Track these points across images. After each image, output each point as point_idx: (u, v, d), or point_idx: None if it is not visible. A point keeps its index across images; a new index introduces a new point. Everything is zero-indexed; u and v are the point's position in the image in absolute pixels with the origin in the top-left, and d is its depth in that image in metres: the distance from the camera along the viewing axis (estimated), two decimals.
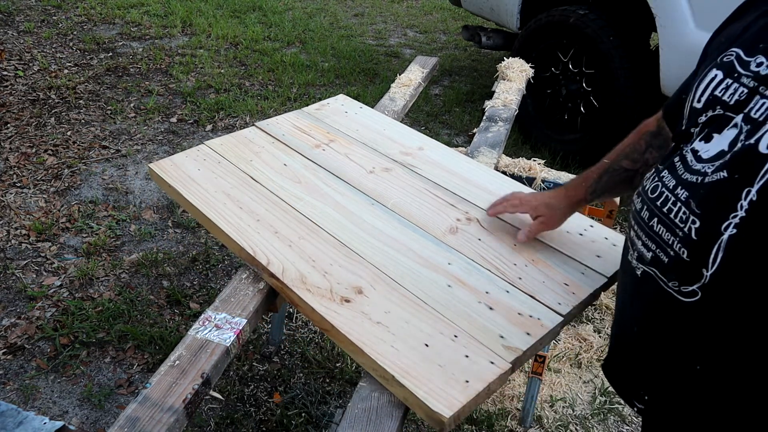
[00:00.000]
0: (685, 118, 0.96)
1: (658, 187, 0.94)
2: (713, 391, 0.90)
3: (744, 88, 0.86)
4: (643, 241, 0.95)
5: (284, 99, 4.05)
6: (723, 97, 0.89)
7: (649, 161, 1.20)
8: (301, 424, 1.99)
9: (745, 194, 0.80)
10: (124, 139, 3.49)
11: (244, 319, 1.22)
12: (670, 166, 0.93)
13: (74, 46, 4.61)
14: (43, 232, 2.72)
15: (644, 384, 1.00)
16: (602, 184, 1.27)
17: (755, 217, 0.79)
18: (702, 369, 0.89)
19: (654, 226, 0.93)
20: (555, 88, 3.53)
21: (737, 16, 1.00)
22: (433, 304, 1.21)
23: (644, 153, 1.20)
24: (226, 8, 5.60)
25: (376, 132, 1.83)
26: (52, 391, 2.04)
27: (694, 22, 2.73)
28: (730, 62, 0.91)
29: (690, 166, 0.89)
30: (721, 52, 0.94)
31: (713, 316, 0.85)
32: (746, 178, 0.80)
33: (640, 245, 0.96)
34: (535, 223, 1.37)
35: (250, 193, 1.52)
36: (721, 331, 0.85)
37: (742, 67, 0.88)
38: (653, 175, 0.97)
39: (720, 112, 0.89)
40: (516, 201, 1.40)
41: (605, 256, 1.37)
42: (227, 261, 2.67)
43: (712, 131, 0.89)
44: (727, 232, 0.81)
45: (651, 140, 1.20)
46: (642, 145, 1.21)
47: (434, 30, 5.57)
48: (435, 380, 1.06)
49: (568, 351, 2.32)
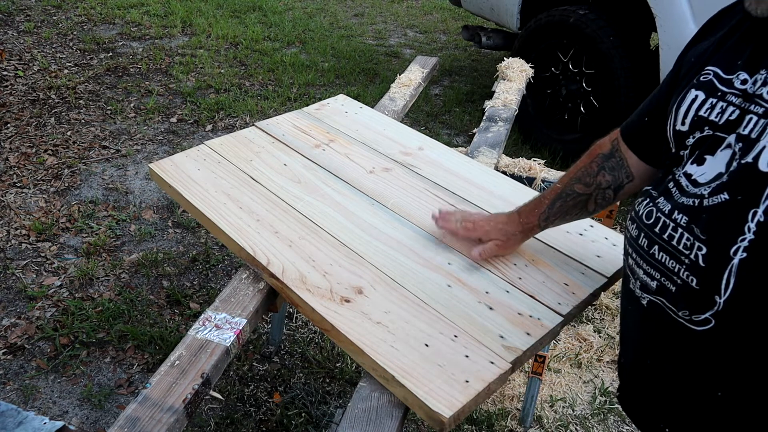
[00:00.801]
0: (672, 142, 0.94)
1: (653, 213, 0.91)
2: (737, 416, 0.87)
3: (733, 107, 0.84)
4: (645, 270, 0.92)
5: (284, 99, 4.05)
6: (710, 117, 0.87)
7: (602, 184, 1.16)
8: (301, 424, 1.99)
9: (751, 216, 0.77)
10: (124, 139, 3.49)
11: (244, 319, 1.22)
12: (665, 191, 0.91)
13: (74, 46, 4.61)
14: (43, 232, 2.72)
15: (663, 416, 0.97)
16: (555, 210, 1.24)
17: (765, 239, 0.76)
18: (723, 396, 0.86)
19: (655, 254, 0.90)
20: (555, 88, 3.53)
21: (703, 36, 0.99)
22: (433, 304, 1.21)
23: (596, 176, 1.17)
24: (226, 8, 5.60)
25: (376, 132, 1.83)
26: (52, 391, 2.04)
27: (694, 22, 2.73)
28: (709, 81, 0.89)
29: (686, 190, 0.87)
30: (696, 73, 0.93)
31: (730, 342, 0.83)
32: (750, 199, 0.78)
33: (642, 274, 0.93)
34: (490, 245, 1.32)
35: (250, 193, 1.52)
36: (740, 355, 0.83)
37: (724, 86, 0.87)
38: (645, 200, 0.94)
39: (709, 133, 0.87)
40: (470, 225, 1.36)
41: (605, 256, 1.37)
42: (227, 261, 2.67)
43: (704, 153, 0.87)
44: (737, 257, 0.78)
45: (603, 162, 1.16)
46: (594, 168, 1.17)
47: (434, 30, 5.57)
48: (435, 380, 1.05)
49: (568, 351, 2.32)
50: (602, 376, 2.24)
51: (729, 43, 0.90)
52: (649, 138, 1.06)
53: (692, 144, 0.89)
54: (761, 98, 0.81)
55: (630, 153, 1.13)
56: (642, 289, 0.93)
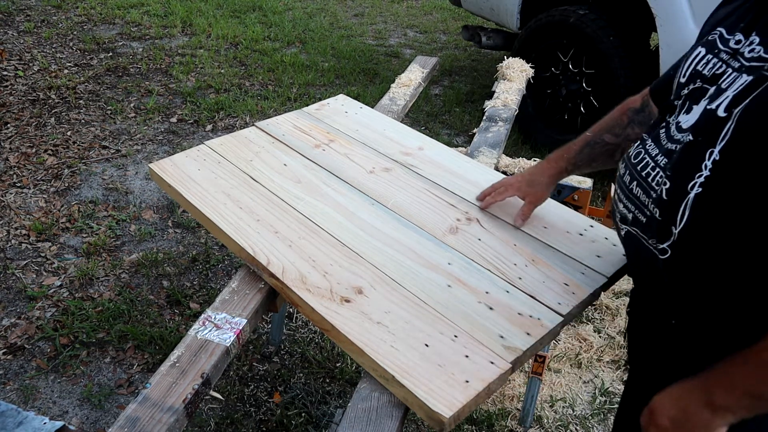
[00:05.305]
0: (672, 93, 1.00)
1: (641, 154, 0.98)
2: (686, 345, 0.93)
3: (721, 62, 0.90)
4: (624, 203, 1.00)
5: (284, 99, 4.05)
6: (703, 71, 0.93)
7: (630, 136, 1.22)
8: (301, 424, 1.99)
9: (708, 155, 0.83)
10: (124, 139, 3.49)
11: (244, 319, 1.22)
12: (655, 136, 0.98)
13: (74, 46, 4.61)
14: (43, 232, 2.72)
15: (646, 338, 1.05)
16: (583, 156, 1.30)
17: (718, 176, 0.82)
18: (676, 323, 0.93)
19: (633, 189, 0.98)
20: (555, 88, 3.53)
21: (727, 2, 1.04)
22: (433, 304, 1.21)
23: (626, 128, 1.23)
24: (226, 8, 5.60)
25: (376, 132, 1.83)
26: (52, 391, 2.04)
27: (694, 21, 2.73)
28: (713, 40, 0.95)
29: (672, 135, 0.93)
30: (708, 32, 0.99)
31: (682, 272, 0.89)
32: (709, 140, 0.84)
33: (621, 207, 1.01)
34: (525, 204, 1.41)
35: (250, 193, 1.52)
36: (690, 286, 0.89)
37: (722, 44, 0.93)
38: (639, 143, 1.01)
39: (699, 85, 0.93)
40: (501, 187, 1.45)
41: (605, 256, 1.37)
42: (227, 261, 2.67)
43: (692, 103, 0.93)
44: (693, 191, 0.84)
45: (634, 116, 1.22)
46: (624, 120, 1.24)
47: (434, 30, 5.57)
48: (435, 380, 1.05)
49: (568, 351, 2.32)
50: (602, 376, 2.24)
51: (741, 9, 0.95)
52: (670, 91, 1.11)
53: (686, 95, 0.95)
54: (742, 56, 0.88)
55: (657, 109, 1.17)
56: (621, 221, 1.02)
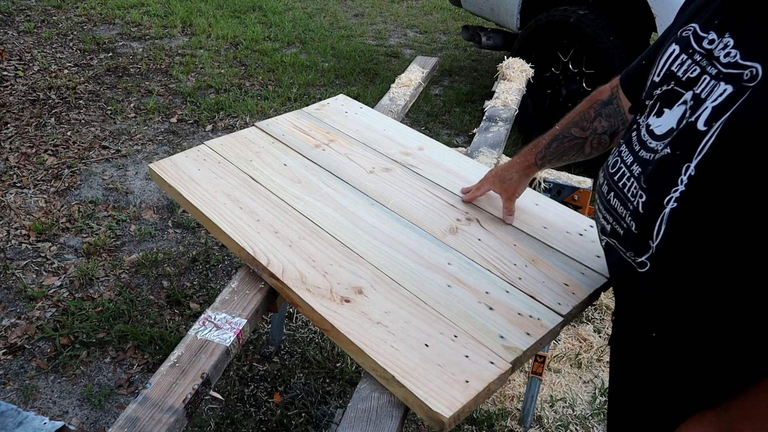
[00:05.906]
0: (645, 91, 0.98)
1: (617, 163, 0.97)
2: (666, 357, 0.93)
3: (696, 65, 0.88)
4: (603, 215, 1.00)
5: (284, 99, 4.05)
6: (677, 73, 0.91)
7: (597, 129, 1.21)
8: (301, 424, 1.99)
9: (684, 169, 0.82)
10: (124, 139, 3.49)
11: (244, 319, 1.22)
12: (628, 140, 0.97)
13: (74, 46, 4.61)
14: (43, 232, 2.72)
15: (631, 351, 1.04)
16: (551, 150, 1.30)
17: (694, 192, 0.81)
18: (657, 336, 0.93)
19: (611, 200, 0.97)
20: (555, 88, 3.53)
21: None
22: (433, 304, 1.21)
23: (593, 121, 1.21)
24: (226, 8, 5.60)
25: (376, 132, 1.83)
26: (52, 391, 2.04)
27: None
28: (687, 37, 0.92)
29: (645, 142, 0.92)
30: (682, 26, 0.96)
31: (661, 285, 0.88)
32: (686, 154, 0.82)
33: (601, 218, 1.01)
34: (503, 200, 1.43)
35: (250, 193, 1.52)
36: (669, 300, 0.89)
37: (696, 43, 0.90)
38: (615, 150, 1.00)
39: (672, 87, 0.91)
40: (479, 183, 1.47)
41: (605, 257, 1.37)
42: (227, 261, 2.67)
43: (664, 106, 0.91)
44: (669, 206, 0.84)
45: (601, 109, 1.20)
46: (591, 113, 1.22)
47: (434, 30, 5.57)
48: (435, 380, 1.05)
49: (568, 351, 2.33)
50: (602, 376, 2.24)
51: (716, 2, 0.92)
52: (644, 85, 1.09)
53: (658, 95, 0.93)
54: (718, 61, 0.84)
55: (626, 100, 1.16)
56: (601, 232, 1.02)
